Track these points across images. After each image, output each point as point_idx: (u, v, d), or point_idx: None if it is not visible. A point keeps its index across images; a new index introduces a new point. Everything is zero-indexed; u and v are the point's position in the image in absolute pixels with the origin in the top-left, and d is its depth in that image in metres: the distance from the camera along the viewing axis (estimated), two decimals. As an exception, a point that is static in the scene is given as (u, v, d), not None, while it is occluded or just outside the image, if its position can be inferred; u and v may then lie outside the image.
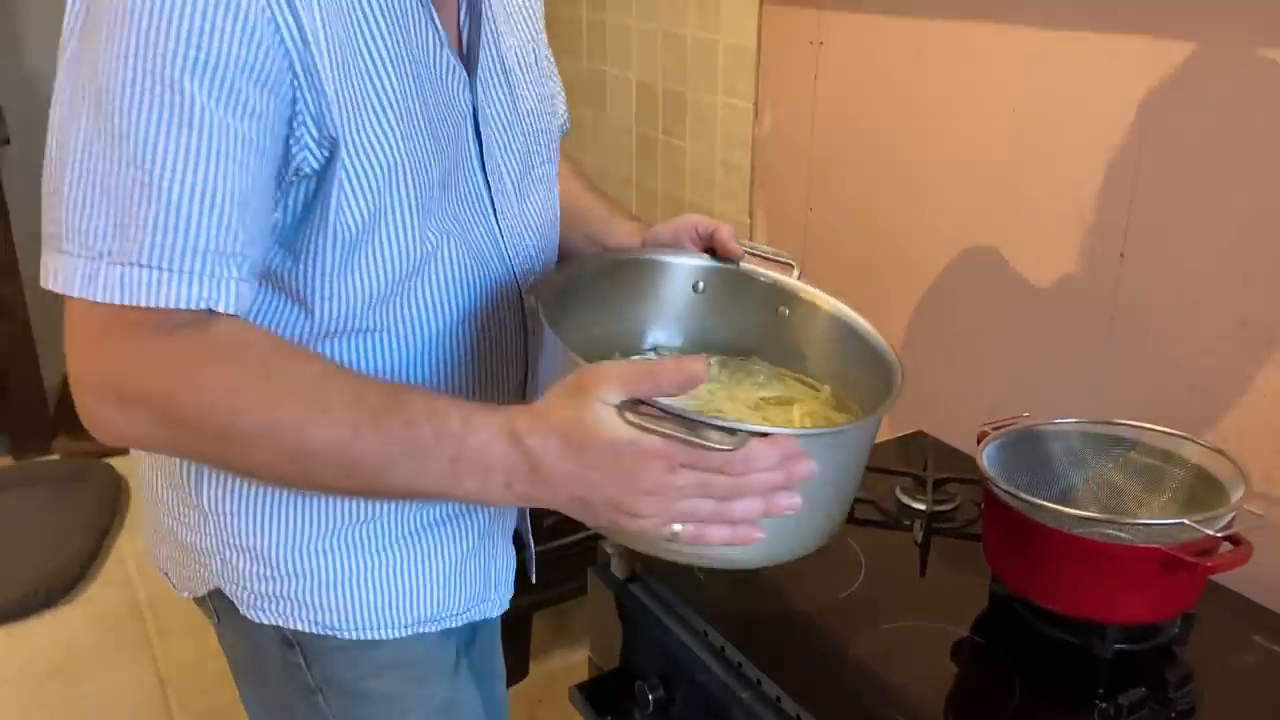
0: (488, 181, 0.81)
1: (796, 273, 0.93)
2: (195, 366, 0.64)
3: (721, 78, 1.79)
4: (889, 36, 1.44)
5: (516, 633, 1.74)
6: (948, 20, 1.35)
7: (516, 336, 0.86)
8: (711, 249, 0.93)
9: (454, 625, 0.89)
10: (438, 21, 0.75)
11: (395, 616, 0.85)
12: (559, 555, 1.56)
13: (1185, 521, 0.90)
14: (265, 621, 0.83)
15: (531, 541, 1.02)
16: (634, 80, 2.03)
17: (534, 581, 1.02)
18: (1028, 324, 1.32)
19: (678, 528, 0.67)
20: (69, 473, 2.59)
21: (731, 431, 0.64)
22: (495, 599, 0.93)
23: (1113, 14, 1.15)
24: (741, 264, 0.92)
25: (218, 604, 0.87)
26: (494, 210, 0.82)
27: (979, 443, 1.02)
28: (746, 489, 0.66)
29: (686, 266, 0.92)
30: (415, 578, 0.85)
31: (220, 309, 0.64)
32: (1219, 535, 0.90)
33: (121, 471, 2.58)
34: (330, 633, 0.84)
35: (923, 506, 1.18)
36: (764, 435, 0.65)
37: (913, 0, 1.39)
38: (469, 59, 0.80)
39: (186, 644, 2.05)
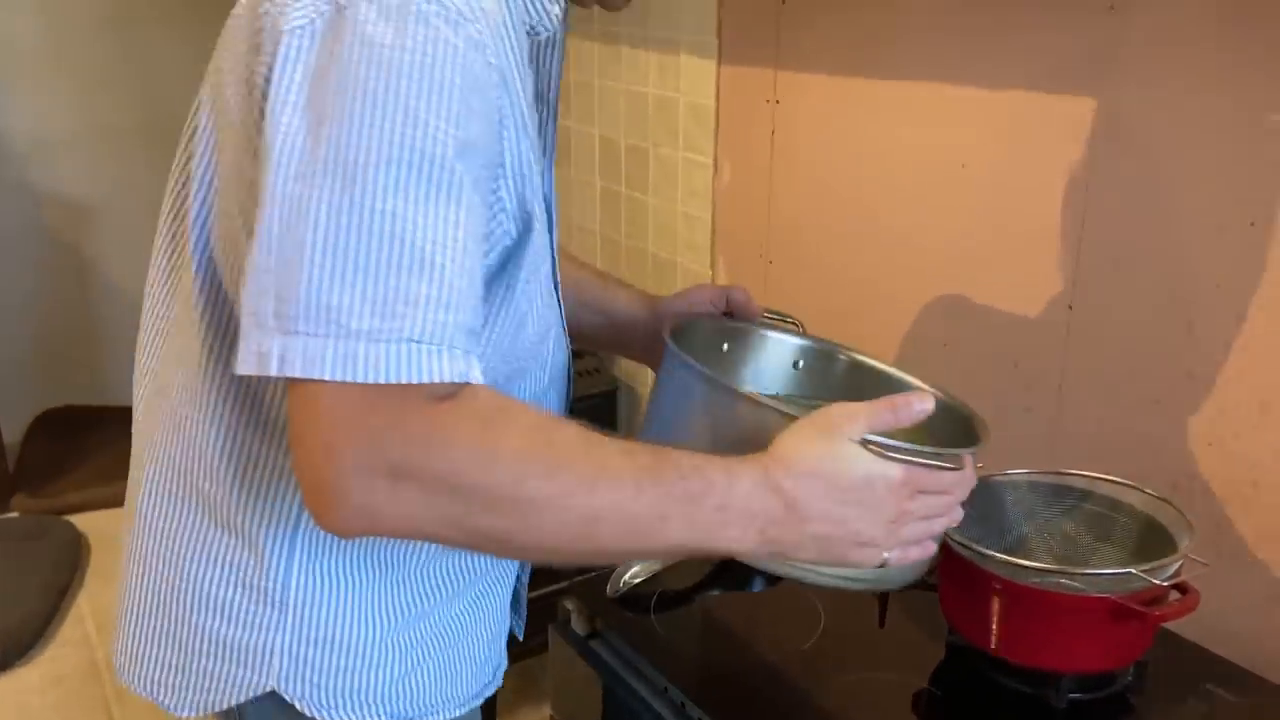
0: (552, 250, 0.84)
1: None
2: (480, 435, 0.62)
3: (682, 134, 1.82)
4: (841, 96, 1.47)
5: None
6: (898, 81, 1.38)
7: (566, 379, 0.90)
8: (729, 312, 1.00)
9: (490, 692, 0.91)
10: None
11: (460, 693, 0.87)
12: (523, 610, 1.55)
13: (1134, 571, 0.91)
14: (331, 719, 0.80)
15: (525, 600, 1.03)
16: (598, 135, 2.07)
17: (520, 640, 1.02)
18: (980, 375, 1.34)
19: (890, 554, 0.71)
20: (27, 531, 2.55)
21: (942, 454, 0.71)
22: (504, 662, 0.96)
23: (1056, 76, 1.19)
24: (816, 343, 1.00)
25: (258, 711, 0.80)
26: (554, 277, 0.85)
27: (933, 494, 1.03)
28: (953, 507, 0.73)
29: (789, 344, 1.00)
30: (472, 653, 0.88)
31: (474, 381, 0.63)
32: (1167, 584, 0.91)
33: (82, 529, 2.54)
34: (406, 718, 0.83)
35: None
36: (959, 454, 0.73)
37: (863, 62, 1.43)
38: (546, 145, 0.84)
39: (145, 707, 2.01)
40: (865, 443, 0.69)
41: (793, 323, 1.01)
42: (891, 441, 0.69)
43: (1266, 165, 1.02)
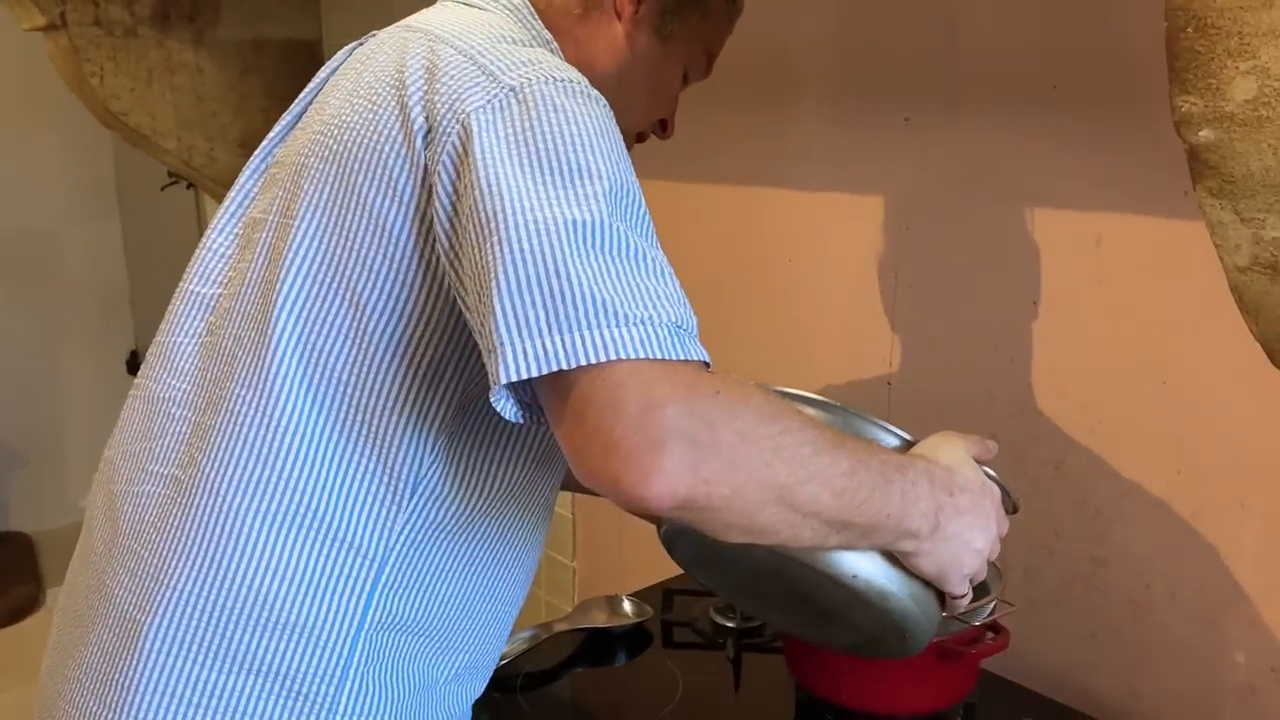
0: None
1: None
2: (752, 394, 0.66)
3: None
4: (668, 199, 1.59)
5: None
6: (719, 185, 1.51)
7: None
8: None
9: None
10: None
11: None
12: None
13: (952, 615, 1.01)
14: None
15: None
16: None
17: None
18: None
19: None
20: None
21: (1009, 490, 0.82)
22: None
23: (864, 178, 1.33)
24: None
25: None
26: None
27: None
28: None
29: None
30: None
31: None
32: (982, 624, 1.01)
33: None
34: None
35: (733, 625, 1.27)
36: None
37: (687, 168, 1.55)
38: None
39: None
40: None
41: None
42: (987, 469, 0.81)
43: (1041, 253, 1.17)
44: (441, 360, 0.75)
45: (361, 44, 0.86)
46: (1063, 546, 1.20)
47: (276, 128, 0.89)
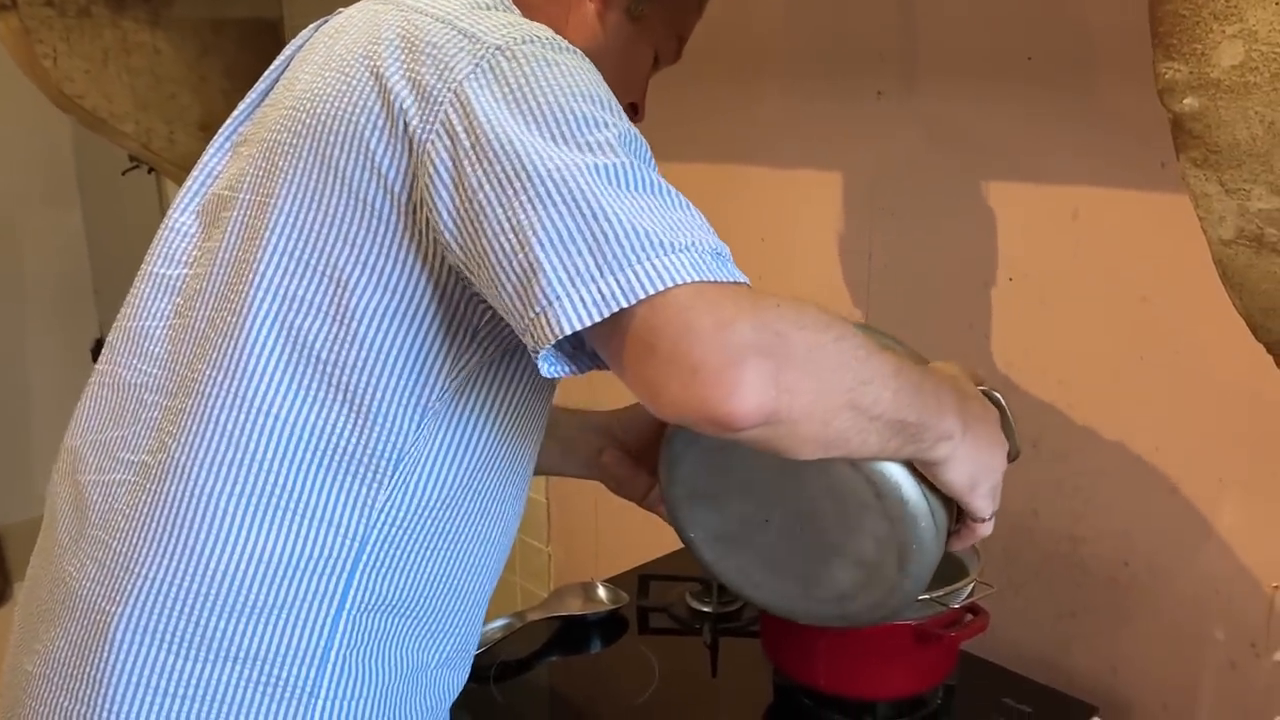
0: None
1: None
2: (805, 307, 0.66)
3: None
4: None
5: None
6: (690, 164, 1.48)
7: None
8: None
9: None
10: None
11: None
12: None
13: (930, 597, 0.99)
14: None
15: None
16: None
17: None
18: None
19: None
20: None
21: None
22: None
23: (837, 154, 1.31)
24: None
25: None
26: None
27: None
28: None
29: None
30: None
31: None
32: (960, 607, 1.00)
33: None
34: None
35: (710, 609, 1.25)
36: None
37: (657, 147, 1.52)
38: None
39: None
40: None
41: None
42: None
43: (1016, 228, 1.16)
44: (427, 335, 0.73)
45: (327, 20, 0.84)
46: (1041, 525, 1.19)
47: (241, 106, 0.87)
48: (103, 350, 0.85)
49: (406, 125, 0.69)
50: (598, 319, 0.61)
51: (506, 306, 0.65)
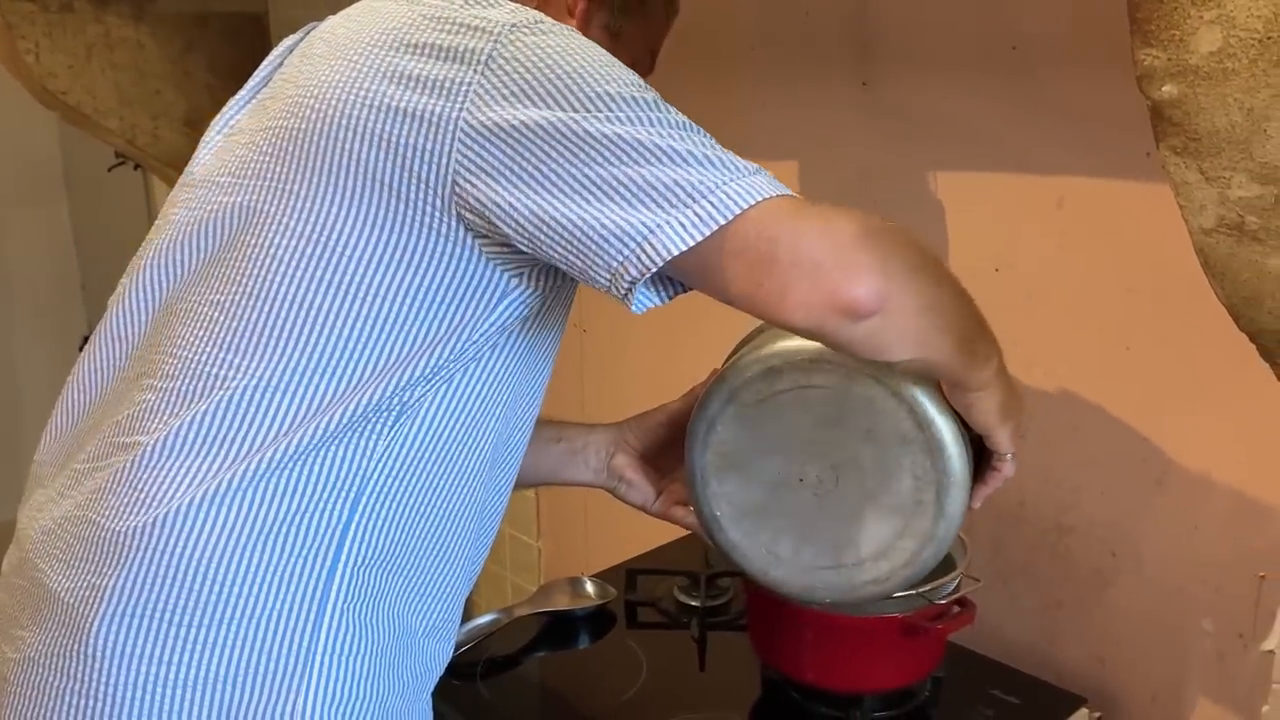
0: None
1: None
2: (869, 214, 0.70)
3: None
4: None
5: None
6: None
7: None
8: None
9: None
10: None
11: None
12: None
13: (917, 592, 0.99)
14: None
15: None
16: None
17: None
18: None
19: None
20: None
21: None
22: None
23: (811, 146, 1.30)
24: None
25: None
26: None
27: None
28: None
29: None
30: None
31: None
32: (948, 600, 1.00)
33: None
34: None
35: (698, 604, 1.25)
36: None
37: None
38: None
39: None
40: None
41: None
42: None
43: (1002, 219, 1.15)
44: (446, 308, 0.74)
45: (317, 26, 0.85)
46: (1028, 516, 1.19)
47: (233, 101, 0.87)
48: (92, 338, 0.85)
49: (431, 110, 0.70)
50: (698, 239, 0.65)
51: (590, 259, 0.68)
